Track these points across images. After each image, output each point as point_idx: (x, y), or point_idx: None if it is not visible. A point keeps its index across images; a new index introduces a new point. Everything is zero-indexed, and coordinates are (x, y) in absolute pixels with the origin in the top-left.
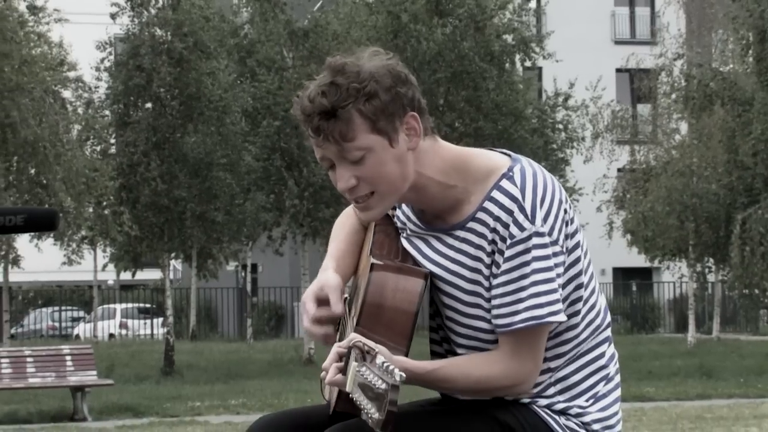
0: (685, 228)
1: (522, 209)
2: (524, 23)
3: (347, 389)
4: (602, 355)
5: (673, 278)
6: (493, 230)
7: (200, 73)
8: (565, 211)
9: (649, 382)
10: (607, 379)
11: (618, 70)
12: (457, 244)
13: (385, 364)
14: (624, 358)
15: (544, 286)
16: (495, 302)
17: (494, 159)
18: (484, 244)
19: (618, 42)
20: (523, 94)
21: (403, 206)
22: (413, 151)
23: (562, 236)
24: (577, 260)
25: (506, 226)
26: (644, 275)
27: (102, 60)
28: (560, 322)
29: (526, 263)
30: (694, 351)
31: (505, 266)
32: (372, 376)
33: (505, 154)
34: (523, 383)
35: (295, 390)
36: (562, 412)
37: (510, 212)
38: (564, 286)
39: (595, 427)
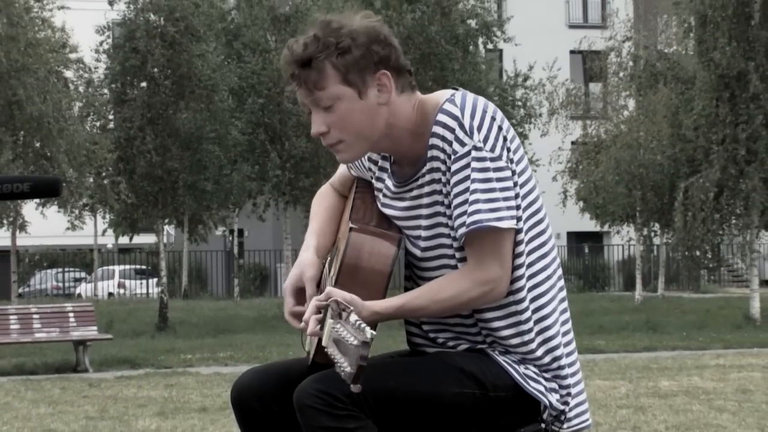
0: (632, 195)
1: (462, 126)
2: (486, 9)
3: (323, 343)
4: (556, 299)
5: (622, 241)
6: (443, 150)
7: (191, 55)
8: (504, 138)
9: (600, 335)
10: (562, 320)
11: (572, 52)
12: (418, 186)
13: (358, 322)
14: (577, 314)
15: (484, 194)
16: (453, 216)
17: (441, 93)
18: (440, 169)
19: (572, 26)
20: (486, 75)
21: (384, 169)
22: (385, 105)
23: (505, 153)
24: (526, 183)
25: (450, 143)
26: (595, 239)
27: (101, 43)
28: (507, 228)
29: (467, 177)
30: (641, 308)
31: (453, 181)
32: (345, 332)
33: (454, 88)
34: (493, 289)
35: (278, 343)
36: (521, 362)
37: (452, 130)
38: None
39: (547, 375)
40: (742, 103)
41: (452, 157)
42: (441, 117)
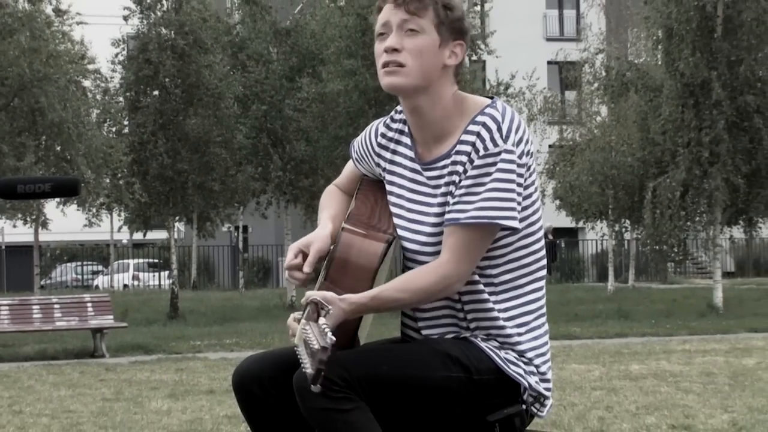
0: (605, 194)
1: (500, 129)
2: (471, 24)
3: (295, 342)
4: (540, 289)
5: (596, 236)
6: (473, 145)
7: (199, 66)
8: (530, 153)
9: (575, 323)
10: (540, 314)
11: (549, 63)
12: (434, 176)
13: (324, 326)
14: (554, 303)
15: (500, 193)
16: (452, 201)
17: (481, 98)
18: (463, 165)
19: (549, 39)
20: (470, 84)
21: (407, 145)
22: (447, 70)
23: (525, 162)
24: (530, 196)
25: (483, 140)
26: (571, 234)
27: (116, 55)
28: (512, 229)
29: (489, 173)
30: (613, 297)
31: (471, 173)
32: (311, 334)
33: (490, 97)
34: (454, 284)
35: (279, 331)
36: (501, 346)
37: (490, 130)
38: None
39: (530, 355)
40: (706, 109)
41: (480, 153)
42: (482, 118)
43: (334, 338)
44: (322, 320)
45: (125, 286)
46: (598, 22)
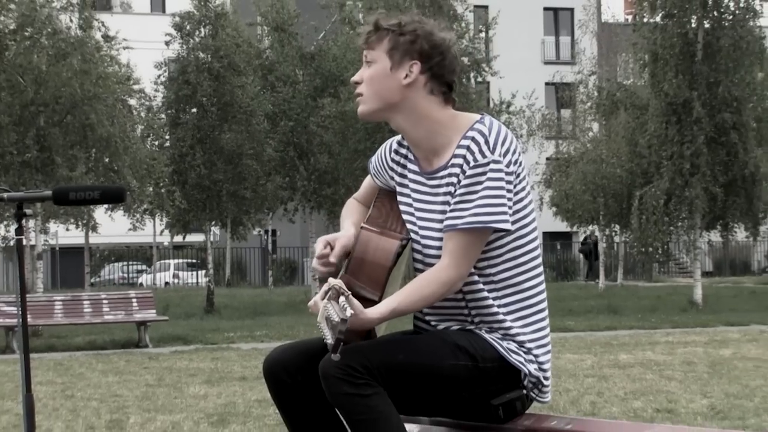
0: (596, 202)
1: (487, 142)
2: (477, 48)
3: (318, 320)
4: (538, 285)
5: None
6: (464, 157)
7: (233, 86)
8: (518, 162)
9: (570, 317)
10: (540, 308)
11: (547, 84)
12: (435, 185)
13: (342, 303)
14: (551, 300)
15: (492, 200)
16: (449, 209)
17: (473, 114)
18: (457, 177)
19: (547, 62)
20: (476, 103)
21: (410, 159)
22: (407, 89)
23: (513, 170)
24: (521, 200)
25: (473, 153)
26: (566, 237)
27: (158, 76)
28: (505, 230)
29: (480, 182)
30: (604, 294)
31: (464, 182)
32: (332, 311)
33: (481, 113)
34: (456, 285)
35: (305, 324)
36: (504, 337)
37: (478, 143)
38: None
39: (529, 345)
40: (687, 125)
41: (471, 164)
42: (471, 133)
43: (352, 311)
44: (342, 299)
45: (166, 283)
46: (590, 48)
